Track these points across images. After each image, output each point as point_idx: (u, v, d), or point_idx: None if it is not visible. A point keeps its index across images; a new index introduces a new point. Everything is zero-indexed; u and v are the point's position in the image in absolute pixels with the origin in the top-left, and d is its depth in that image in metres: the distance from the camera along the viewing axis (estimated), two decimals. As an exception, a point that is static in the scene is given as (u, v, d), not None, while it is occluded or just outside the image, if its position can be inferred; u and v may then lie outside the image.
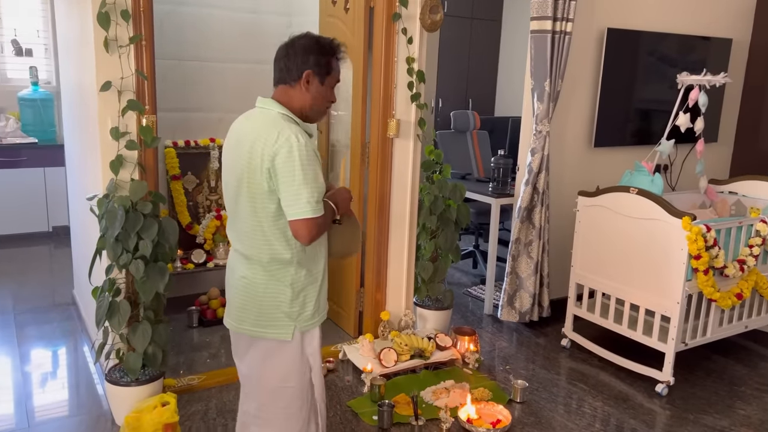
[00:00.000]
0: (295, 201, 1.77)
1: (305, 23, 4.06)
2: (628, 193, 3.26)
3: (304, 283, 1.91)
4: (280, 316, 1.90)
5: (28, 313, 3.92)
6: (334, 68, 1.90)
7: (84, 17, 2.73)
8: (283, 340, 1.92)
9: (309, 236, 1.80)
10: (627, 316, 3.33)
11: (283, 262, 1.87)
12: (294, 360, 1.96)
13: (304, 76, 1.86)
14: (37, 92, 5.47)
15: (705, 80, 3.48)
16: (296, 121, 1.87)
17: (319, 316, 1.99)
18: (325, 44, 1.89)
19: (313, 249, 1.92)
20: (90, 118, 2.83)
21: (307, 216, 1.77)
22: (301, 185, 1.75)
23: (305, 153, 1.76)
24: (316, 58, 1.86)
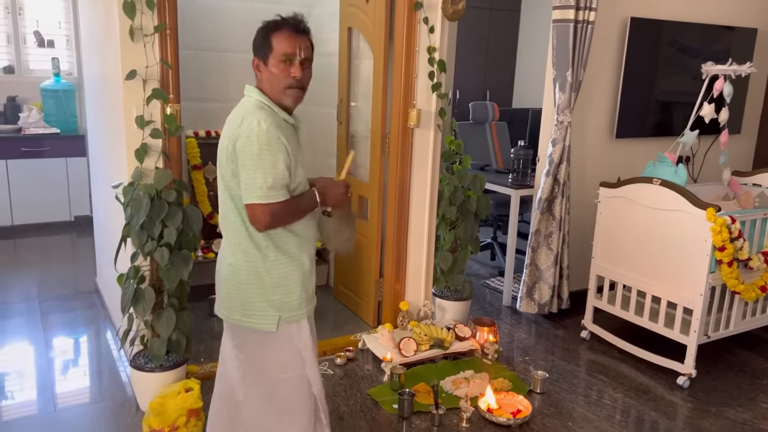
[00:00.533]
0: (249, 185, 1.76)
1: (325, 14, 4.06)
2: (651, 185, 3.23)
3: (286, 271, 1.88)
4: (263, 305, 1.88)
5: (52, 301, 3.98)
6: (273, 45, 1.82)
7: (109, 7, 2.75)
8: (269, 331, 1.90)
9: (262, 222, 1.78)
10: (648, 308, 3.31)
11: (261, 248, 1.85)
12: (284, 352, 1.93)
13: (253, 65, 1.89)
14: (59, 83, 5.53)
15: (730, 70, 3.43)
16: (273, 108, 1.84)
17: (306, 309, 1.95)
18: (265, 25, 1.86)
19: (295, 235, 1.89)
20: (115, 107, 2.86)
21: (258, 201, 1.76)
22: (256, 170, 1.74)
23: (265, 138, 1.74)
24: (255, 43, 1.87)
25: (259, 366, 1.97)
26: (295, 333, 1.93)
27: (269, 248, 1.85)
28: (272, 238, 1.85)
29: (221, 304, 1.98)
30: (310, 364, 1.98)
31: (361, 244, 3.71)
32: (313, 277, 2.00)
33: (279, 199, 1.78)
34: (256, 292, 1.88)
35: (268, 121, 1.77)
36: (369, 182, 3.59)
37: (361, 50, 3.67)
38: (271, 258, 1.86)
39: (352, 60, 3.76)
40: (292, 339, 1.93)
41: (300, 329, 1.94)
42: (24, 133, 5.32)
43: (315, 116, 4.31)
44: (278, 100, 1.87)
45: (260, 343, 1.94)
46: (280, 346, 1.93)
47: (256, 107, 1.81)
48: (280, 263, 1.87)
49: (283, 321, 1.90)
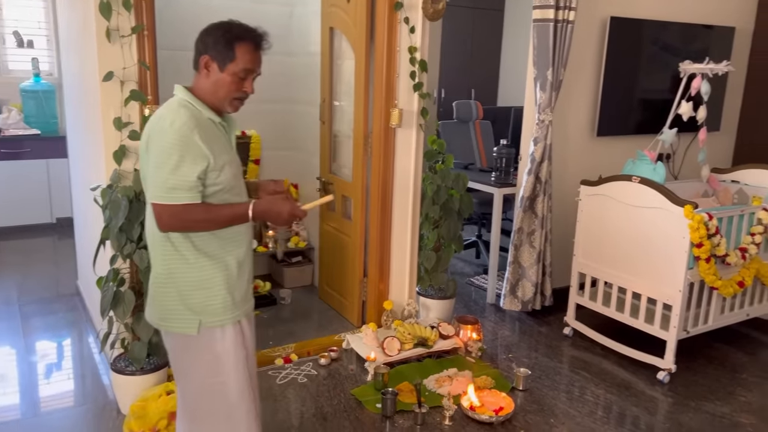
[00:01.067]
0: (153, 184, 1.71)
1: (307, 13, 4.05)
2: (631, 182, 3.27)
3: (208, 273, 1.81)
4: (181, 308, 1.81)
5: (32, 304, 3.94)
6: (238, 55, 1.74)
7: (86, 7, 2.73)
8: (189, 335, 1.82)
9: (161, 223, 1.72)
10: (629, 304, 3.34)
11: (179, 249, 1.78)
12: (204, 357, 1.85)
13: (201, 62, 1.77)
14: (39, 84, 5.47)
15: (707, 69, 3.47)
16: (197, 107, 1.76)
17: (231, 314, 1.85)
18: (229, 29, 1.76)
19: (217, 237, 1.81)
20: (92, 108, 2.84)
21: (156, 201, 1.71)
22: (159, 168, 1.68)
23: (176, 138, 1.67)
24: (215, 43, 1.75)
25: (182, 370, 1.91)
26: (218, 338, 1.84)
27: (188, 249, 1.78)
28: (191, 239, 1.78)
29: (147, 308, 1.93)
30: (233, 372, 1.87)
31: (345, 244, 3.72)
32: (245, 280, 1.90)
33: (181, 202, 1.69)
34: (174, 295, 1.81)
35: (183, 119, 1.69)
36: (352, 182, 3.59)
37: (343, 50, 3.67)
38: (190, 260, 1.79)
39: (334, 60, 3.76)
40: (213, 344, 1.84)
41: (224, 334, 1.85)
42: (3, 134, 5.26)
43: (298, 116, 4.31)
44: (216, 105, 1.81)
45: (180, 347, 1.87)
46: (200, 351, 1.85)
47: (178, 105, 1.74)
48: (201, 265, 1.80)
49: (204, 325, 1.82)
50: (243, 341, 1.89)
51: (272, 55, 4.69)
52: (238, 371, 1.87)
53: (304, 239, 4.27)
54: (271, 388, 2.96)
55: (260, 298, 3.92)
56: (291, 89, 4.28)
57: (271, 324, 3.67)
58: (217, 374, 1.86)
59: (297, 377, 3.07)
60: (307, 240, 4.29)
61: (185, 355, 1.88)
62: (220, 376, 1.86)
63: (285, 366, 3.17)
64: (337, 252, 3.83)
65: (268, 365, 3.17)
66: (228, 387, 1.88)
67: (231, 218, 1.79)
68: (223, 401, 1.88)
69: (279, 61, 4.24)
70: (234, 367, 1.87)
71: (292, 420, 2.73)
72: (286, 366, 3.17)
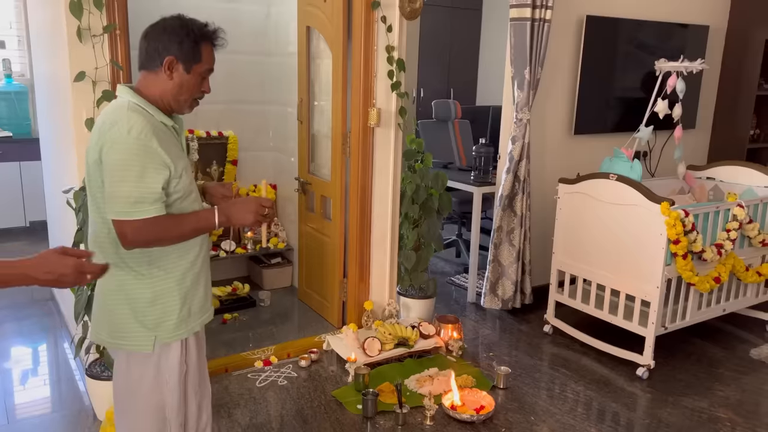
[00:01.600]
0: (111, 198, 1.59)
1: (283, 13, 4.02)
2: (608, 180, 3.29)
3: (162, 288, 1.73)
4: (135, 326, 1.72)
5: (6, 309, 3.86)
6: (203, 56, 1.70)
7: (56, 6, 2.67)
8: (140, 353, 1.75)
9: (125, 240, 1.61)
10: (608, 301, 3.37)
11: (133, 263, 1.69)
12: (151, 374, 1.78)
13: (165, 63, 1.66)
14: (11, 85, 5.37)
15: (682, 67, 3.51)
16: (149, 111, 1.66)
17: (186, 328, 1.79)
18: (193, 28, 1.69)
19: (175, 248, 1.72)
20: (64, 109, 2.78)
21: (119, 217, 1.59)
22: (119, 182, 1.57)
23: (134, 147, 1.57)
24: (181, 44, 1.66)
25: (128, 389, 1.82)
26: (163, 354, 1.78)
27: (140, 263, 1.69)
28: (145, 253, 1.69)
29: (92, 326, 1.82)
30: (170, 389, 1.81)
31: (324, 245, 3.69)
32: (202, 287, 1.83)
33: (146, 216, 1.60)
34: (126, 312, 1.72)
35: (140, 126, 1.59)
36: (330, 182, 3.57)
37: (320, 49, 3.65)
38: (143, 273, 1.70)
39: (311, 59, 3.73)
40: (160, 361, 1.78)
41: (169, 350, 1.78)
42: (-25, 137, 5.15)
43: (275, 116, 4.27)
44: (175, 107, 1.73)
45: (130, 364, 1.78)
46: (148, 367, 1.77)
47: (128, 110, 1.62)
48: (154, 279, 1.71)
49: (159, 341, 1.75)
50: (186, 357, 1.84)
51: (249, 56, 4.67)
52: (176, 389, 1.82)
53: (283, 240, 4.24)
54: (251, 391, 2.93)
55: (239, 300, 3.89)
56: (268, 89, 4.24)
57: (251, 326, 3.63)
58: (159, 392, 1.81)
59: (277, 380, 3.04)
60: (286, 241, 4.26)
61: (134, 372, 1.79)
62: (161, 394, 1.81)
63: (265, 368, 3.14)
64: (316, 253, 3.80)
65: (248, 368, 3.13)
66: (166, 404, 1.83)
67: (197, 228, 1.71)
68: (160, 418, 1.83)
69: (256, 61, 4.21)
70: (176, 385, 1.82)
71: (272, 423, 2.70)
72: (266, 368, 3.14)
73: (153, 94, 1.70)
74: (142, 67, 1.72)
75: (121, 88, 1.71)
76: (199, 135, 3.94)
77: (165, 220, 1.64)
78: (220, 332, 3.53)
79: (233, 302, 3.85)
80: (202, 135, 3.97)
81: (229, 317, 3.69)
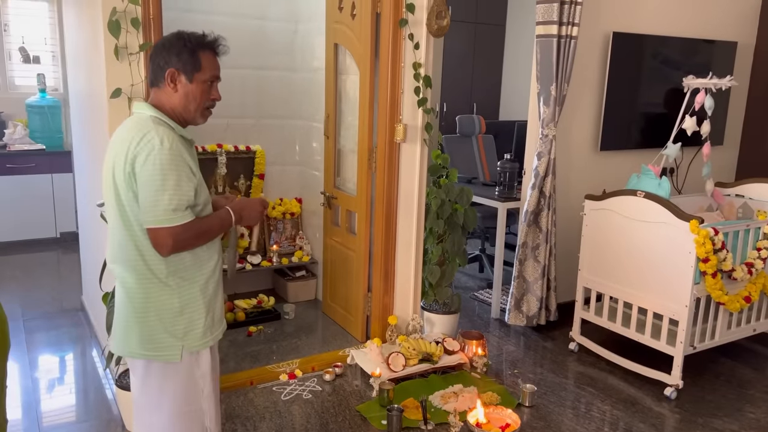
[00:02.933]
0: (152, 207, 1.66)
1: (312, 30, 4.09)
2: (635, 197, 3.27)
3: (188, 298, 1.79)
4: (164, 336, 1.77)
5: (37, 319, 3.94)
6: (203, 63, 1.76)
7: (95, 25, 2.75)
8: (170, 362, 1.79)
9: (165, 247, 1.68)
10: (635, 319, 3.33)
11: (161, 274, 1.74)
12: (184, 383, 1.83)
13: (168, 76, 1.74)
14: (44, 99, 5.51)
15: (711, 83, 3.48)
16: (170, 125, 1.75)
17: (211, 336, 1.86)
18: (189, 39, 1.75)
19: (197, 258, 1.79)
20: (100, 124, 2.85)
21: (161, 225, 1.66)
22: (158, 191, 1.64)
23: (168, 157, 1.65)
24: (179, 55, 1.73)
25: (154, 402, 1.84)
26: (195, 363, 1.84)
27: (169, 276, 1.75)
28: (171, 263, 1.75)
29: (116, 339, 1.85)
30: (207, 396, 1.87)
31: (349, 259, 3.72)
32: (219, 300, 1.89)
33: (183, 221, 1.68)
34: (155, 322, 1.77)
35: (170, 137, 1.68)
36: (356, 196, 3.60)
37: (347, 66, 3.69)
38: (171, 285, 1.76)
39: (338, 75, 3.78)
40: (192, 369, 1.83)
41: (202, 359, 1.85)
42: (9, 149, 5.29)
43: (302, 131, 4.33)
44: (188, 118, 1.81)
45: (159, 376, 1.82)
46: (180, 377, 1.82)
47: (154, 123, 1.70)
48: (182, 290, 1.77)
49: (186, 350, 1.80)
50: (215, 364, 1.91)
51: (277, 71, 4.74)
52: (211, 394, 1.88)
53: (308, 253, 4.27)
54: (276, 404, 2.95)
55: (264, 313, 3.92)
56: (294, 105, 4.30)
57: (275, 339, 3.66)
58: (194, 401, 1.85)
59: (302, 393, 3.06)
60: (311, 254, 4.29)
61: (162, 384, 1.82)
62: (197, 402, 1.85)
63: (290, 382, 3.15)
64: (341, 266, 3.83)
65: (273, 381, 3.15)
66: (204, 413, 1.87)
67: (220, 226, 1.83)
68: (198, 426, 1.87)
69: (283, 77, 4.28)
70: (209, 390, 1.87)
71: (297, 437, 2.71)
72: (291, 382, 3.16)
73: (165, 109, 1.78)
74: (151, 85, 1.81)
75: (139, 104, 1.79)
76: (228, 149, 4.01)
77: (197, 223, 1.74)
78: (246, 345, 3.56)
79: (258, 315, 3.88)
80: (231, 149, 4.03)
81: (255, 330, 3.72)
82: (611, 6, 3.94)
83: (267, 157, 4.20)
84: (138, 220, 1.71)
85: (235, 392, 3.03)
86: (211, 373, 1.90)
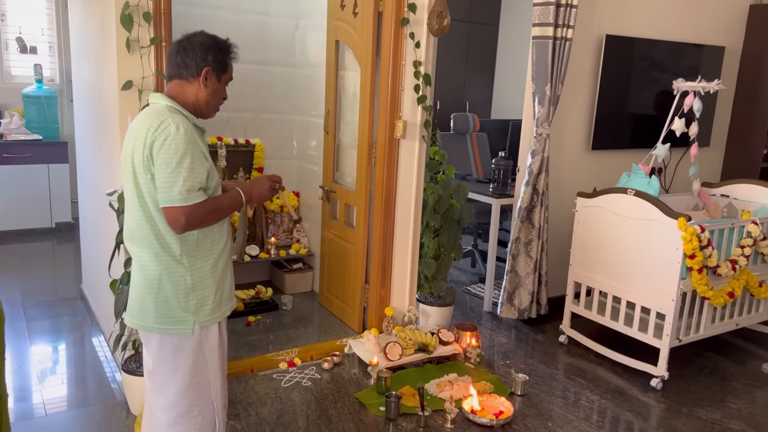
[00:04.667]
0: (167, 188, 1.78)
1: (312, 26, 4.16)
2: (626, 195, 3.39)
3: (200, 275, 1.92)
4: (178, 311, 1.90)
5: (36, 308, 3.98)
6: (229, 67, 1.96)
7: (105, 18, 2.81)
8: (184, 335, 1.92)
9: (178, 225, 1.81)
10: (623, 313, 3.45)
11: (175, 253, 1.87)
12: (194, 356, 1.96)
13: (203, 73, 1.89)
14: (41, 89, 5.52)
15: (699, 87, 3.60)
16: (185, 113, 1.88)
17: (219, 312, 1.99)
18: (222, 43, 1.95)
19: (209, 238, 1.92)
20: (110, 115, 2.91)
21: (176, 204, 1.79)
22: (174, 172, 1.77)
23: (183, 141, 1.78)
24: (215, 56, 1.91)
25: (167, 373, 1.97)
26: (204, 337, 1.97)
27: (182, 254, 1.88)
28: (184, 242, 1.88)
29: (132, 313, 1.97)
30: (213, 369, 2.01)
31: (347, 251, 3.80)
32: (228, 278, 2.03)
33: (196, 201, 1.81)
34: (171, 298, 1.90)
35: (185, 124, 1.82)
36: (355, 190, 3.68)
37: (347, 62, 3.77)
38: (185, 263, 1.89)
39: (339, 72, 3.85)
40: (201, 344, 1.96)
41: (210, 333, 1.98)
42: (5, 139, 5.30)
43: (300, 125, 4.40)
44: (205, 112, 1.96)
45: (173, 349, 1.95)
46: (191, 351, 1.95)
47: (170, 112, 1.84)
48: (195, 267, 1.90)
49: (197, 325, 1.93)
50: (222, 340, 2.05)
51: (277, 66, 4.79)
52: (218, 367, 2.02)
53: (305, 246, 4.35)
54: (276, 391, 3.03)
55: (262, 304, 3.99)
56: (294, 99, 4.37)
57: (273, 329, 3.74)
58: (202, 373, 1.99)
59: (301, 381, 3.14)
60: (308, 247, 4.37)
61: (176, 357, 1.95)
62: (204, 375, 1.99)
63: (289, 370, 3.24)
64: (338, 259, 3.91)
65: (273, 369, 3.24)
66: (210, 386, 2.01)
67: (231, 204, 1.95)
68: (204, 398, 2.01)
69: (283, 72, 4.34)
70: (215, 363, 2.01)
71: (298, 422, 2.80)
72: (290, 370, 3.24)
73: (186, 100, 1.92)
74: (176, 77, 1.93)
75: (156, 96, 1.92)
76: (228, 142, 4.07)
77: (209, 203, 1.87)
78: (245, 334, 3.63)
79: (257, 305, 3.95)
80: (230, 142, 4.09)
81: (253, 319, 3.80)
82: (605, 9, 4.05)
83: (266, 151, 4.26)
84: (154, 201, 1.83)
85: (236, 379, 3.10)
86: (220, 348, 2.03)
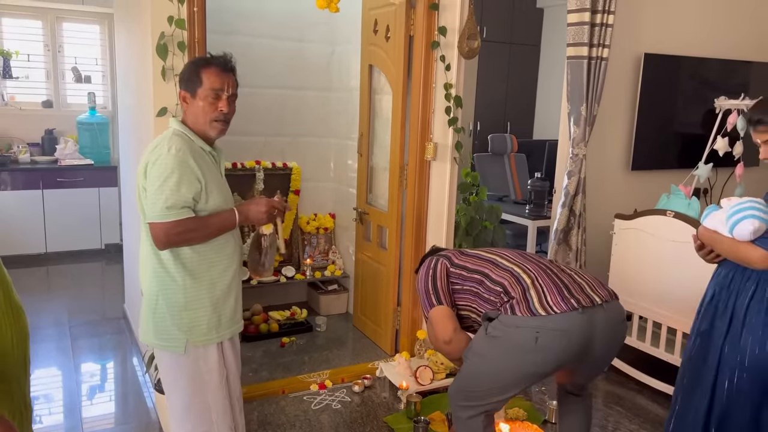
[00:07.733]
0: (152, 204, 1.86)
1: (347, 51, 4.23)
2: (665, 217, 3.28)
3: (194, 295, 1.94)
4: (172, 328, 1.94)
5: (81, 326, 4.13)
6: (203, 79, 1.94)
7: (144, 48, 2.94)
8: (178, 353, 1.95)
9: (159, 240, 1.87)
10: (664, 339, 3.32)
11: (169, 271, 1.92)
12: (192, 376, 1.98)
13: (180, 97, 2.00)
14: (94, 116, 5.79)
15: (743, 104, 3.48)
16: (190, 137, 1.95)
17: (217, 334, 1.99)
18: (194, 61, 2.02)
19: (204, 259, 1.95)
20: (145, 141, 3.02)
21: (155, 220, 1.85)
22: (158, 190, 1.84)
23: (173, 161, 1.84)
24: (183, 76, 1.99)
25: (170, 388, 2.03)
26: (201, 357, 1.98)
27: (176, 270, 1.92)
28: (178, 260, 1.92)
29: (141, 328, 2.05)
30: (213, 391, 2.01)
31: (379, 273, 3.80)
32: (232, 301, 2.04)
33: (177, 218, 1.86)
34: (165, 315, 1.95)
35: (178, 146, 1.88)
36: (387, 212, 3.69)
37: (381, 86, 3.81)
38: (177, 280, 1.93)
39: (372, 95, 3.90)
40: (198, 363, 1.98)
41: (208, 354, 1.99)
42: (60, 164, 5.56)
43: (336, 148, 4.46)
44: (202, 132, 1.98)
45: (168, 365, 2.01)
46: (187, 369, 1.98)
47: (172, 135, 1.94)
48: (187, 286, 1.93)
49: (191, 344, 1.96)
50: (224, 362, 2.04)
51: (314, 91, 4.88)
52: (219, 391, 2.01)
53: (340, 267, 4.38)
54: (306, 413, 3.04)
55: (297, 325, 4.02)
56: (331, 123, 4.44)
57: (307, 350, 3.76)
58: (200, 394, 2.00)
59: (331, 403, 3.14)
60: (343, 268, 4.39)
61: (173, 374, 2.00)
62: (203, 395, 2.00)
63: (320, 392, 3.24)
64: (371, 281, 3.91)
65: (303, 390, 3.25)
66: (209, 408, 2.01)
67: (220, 224, 1.95)
68: (206, 419, 2.01)
69: (320, 96, 4.43)
70: (215, 386, 2.01)
71: (325, 445, 2.79)
72: (321, 392, 3.24)
73: (189, 123, 2.00)
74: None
75: (171, 120, 2.04)
76: (266, 166, 4.16)
77: (191, 221, 1.90)
78: (278, 355, 3.67)
79: (291, 326, 3.99)
80: (268, 166, 4.18)
81: (287, 341, 3.83)
82: (642, 28, 3.97)
83: (302, 174, 4.33)
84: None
85: (267, 400, 3.13)
86: (219, 370, 2.02)
